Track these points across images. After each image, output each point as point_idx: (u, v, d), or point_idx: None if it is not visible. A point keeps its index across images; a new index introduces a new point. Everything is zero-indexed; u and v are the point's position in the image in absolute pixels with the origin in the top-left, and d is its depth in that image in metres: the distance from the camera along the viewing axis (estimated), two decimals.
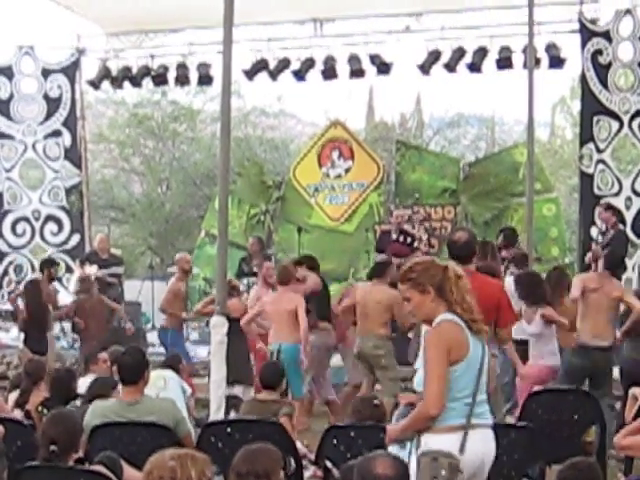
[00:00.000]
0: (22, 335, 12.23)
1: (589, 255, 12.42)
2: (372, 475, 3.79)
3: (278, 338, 9.85)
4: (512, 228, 13.35)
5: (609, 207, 12.92)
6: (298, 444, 6.87)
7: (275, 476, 4.23)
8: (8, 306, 15.49)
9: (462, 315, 4.64)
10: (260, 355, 10.61)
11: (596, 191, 14.15)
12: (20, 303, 12.40)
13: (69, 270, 16.27)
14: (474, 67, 15.06)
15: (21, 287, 13.05)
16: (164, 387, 7.67)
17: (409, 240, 13.73)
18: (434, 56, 15.20)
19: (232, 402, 8.53)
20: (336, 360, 11.73)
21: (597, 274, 9.05)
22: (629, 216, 13.76)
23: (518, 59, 14.63)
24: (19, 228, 16.65)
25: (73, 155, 16.85)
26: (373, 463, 3.84)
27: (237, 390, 9.78)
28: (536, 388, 8.00)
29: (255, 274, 13.93)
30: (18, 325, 12.60)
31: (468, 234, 7.06)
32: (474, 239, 7.03)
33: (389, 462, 3.84)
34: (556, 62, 14.70)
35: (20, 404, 7.49)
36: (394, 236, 13.79)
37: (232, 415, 8.00)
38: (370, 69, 15.70)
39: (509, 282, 9.33)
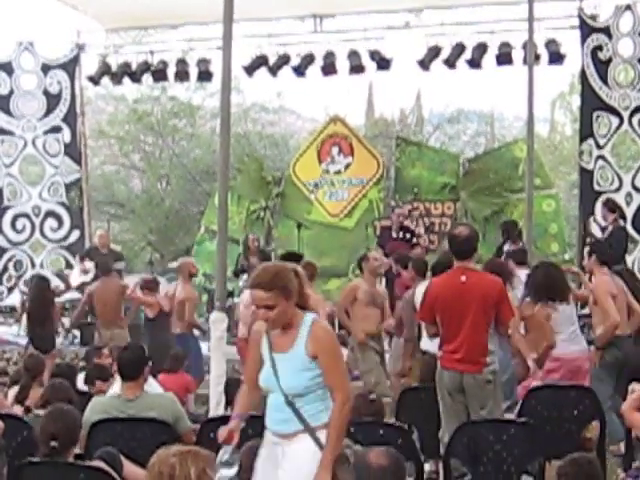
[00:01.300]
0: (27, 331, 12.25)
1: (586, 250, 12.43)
2: (367, 466, 3.80)
3: None
4: (512, 220, 13.45)
5: (606, 203, 12.94)
6: None
7: None
8: (7, 302, 15.55)
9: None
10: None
11: (596, 187, 14.15)
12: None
13: (69, 266, 16.28)
14: (474, 63, 15.07)
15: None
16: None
17: (408, 236, 13.76)
18: (434, 52, 15.21)
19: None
20: None
21: (610, 277, 8.75)
22: (629, 212, 13.77)
23: (518, 55, 14.64)
24: (19, 224, 16.64)
25: (73, 151, 16.84)
26: (367, 455, 3.85)
27: None
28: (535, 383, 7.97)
29: None
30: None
31: (469, 230, 7.06)
32: (475, 235, 7.02)
33: (382, 453, 3.86)
34: (556, 58, 14.70)
35: (20, 400, 7.48)
36: (394, 234, 13.81)
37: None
38: (370, 65, 15.71)
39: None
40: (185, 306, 11.27)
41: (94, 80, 17.05)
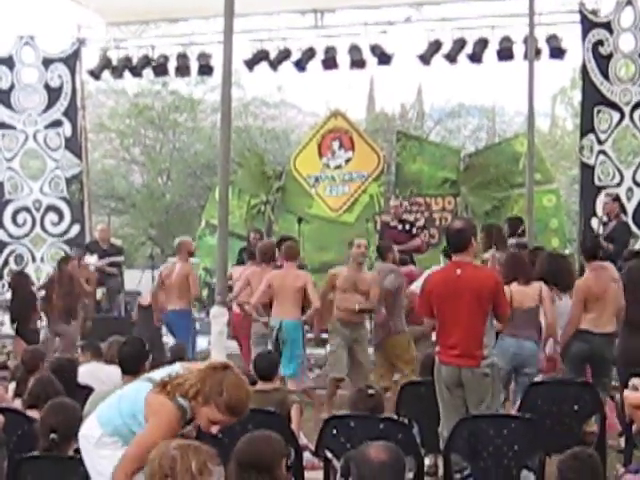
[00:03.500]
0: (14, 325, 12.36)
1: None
2: (366, 461, 3.78)
3: (280, 314, 9.72)
4: (517, 217, 13.38)
5: (617, 198, 12.96)
6: (300, 434, 6.88)
7: (278, 468, 4.21)
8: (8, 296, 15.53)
9: None
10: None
11: (597, 182, 14.15)
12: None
13: None
14: (475, 58, 15.05)
15: None
16: None
17: (407, 227, 13.76)
18: (435, 47, 15.19)
19: None
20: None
21: (593, 274, 8.73)
22: (630, 207, 13.77)
23: (519, 50, 14.62)
24: (20, 218, 16.66)
25: (73, 145, 16.84)
26: (367, 450, 3.83)
27: None
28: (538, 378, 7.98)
29: None
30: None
31: (462, 223, 7.00)
32: (470, 228, 6.92)
33: (382, 448, 3.83)
34: (557, 53, 14.69)
35: (19, 394, 7.47)
36: (392, 223, 13.85)
37: None
38: (371, 59, 15.68)
39: None
40: (188, 280, 11.41)
41: (95, 74, 17.03)
